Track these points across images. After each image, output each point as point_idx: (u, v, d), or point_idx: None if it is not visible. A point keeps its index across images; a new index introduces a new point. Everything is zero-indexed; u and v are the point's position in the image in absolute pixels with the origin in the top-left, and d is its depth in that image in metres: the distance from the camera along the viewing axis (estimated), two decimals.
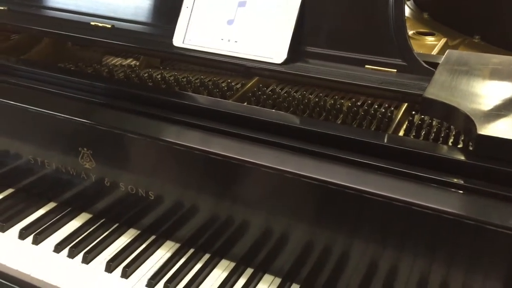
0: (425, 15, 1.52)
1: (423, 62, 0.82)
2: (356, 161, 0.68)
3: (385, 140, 0.70)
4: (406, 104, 0.91)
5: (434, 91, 0.74)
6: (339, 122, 0.91)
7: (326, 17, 0.88)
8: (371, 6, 0.85)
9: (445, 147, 0.73)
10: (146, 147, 0.80)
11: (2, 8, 1.12)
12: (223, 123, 0.77)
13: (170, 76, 1.06)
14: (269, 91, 1.00)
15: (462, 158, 0.65)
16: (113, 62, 1.21)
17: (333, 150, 0.70)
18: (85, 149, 0.85)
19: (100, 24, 1.03)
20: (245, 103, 0.96)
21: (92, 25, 1.03)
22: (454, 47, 1.26)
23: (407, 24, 1.44)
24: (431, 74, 0.80)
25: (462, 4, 1.42)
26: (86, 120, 0.81)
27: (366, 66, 0.85)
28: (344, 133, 0.72)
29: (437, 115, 0.76)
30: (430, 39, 1.32)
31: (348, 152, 0.69)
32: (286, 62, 0.87)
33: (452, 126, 0.85)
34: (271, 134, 0.74)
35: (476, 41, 1.32)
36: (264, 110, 0.84)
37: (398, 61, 0.83)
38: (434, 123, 0.88)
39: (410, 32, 1.36)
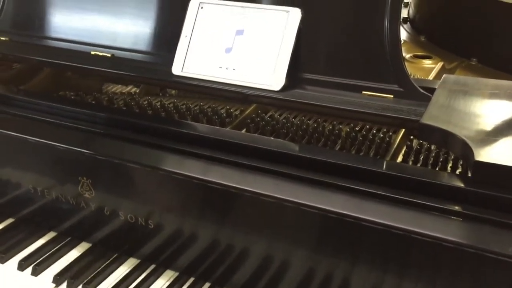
0: (422, 38, 1.54)
1: (419, 88, 0.83)
2: (355, 189, 0.68)
3: (383, 167, 0.70)
4: (404, 129, 0.92)
5: (431, 117, 0.75)
6: (337, 147, 0.92)
7: (323, 43, 0.90)
8: (367, 32, 0.86)
9: (443, 173, 0.73)
10: (145, 176, 0.80)
11: (3, 38, 1.13)
12: (222, 152, 0.77)
13: (169, 103, 1.07)
14: (268, 117, 1.01)
15: (461, 185, 0.65)
16: (113, 89, 1.22)
17: (332, 177, 0.70)
18: (84, 178, 0.86)
19: (100, 54, 1.04)
20: (244, 130, 0.97)
21: (92, 54, 1.04)
22: (451, 70, 1.27)
23: (404, 48, 1.47)
24: (428, 99, 0.81)
25: (459, 27, 1.43)
26: (85, 150, 0.82)
27: (363, 92, 0.85)
28: (343, 161, 0.72)
29: (435, 141, 0.76)
30: (427, 62, 1.34)
31: (347, 180, 0.69)
32: (284, 89, 0.87)
33: None
34: (270, 162, 0.74)
35: (473, 63, 1.33)
36: (263, 138, 0.84)
37: (395, 87, 0.84)
38: (432, 147, 0.89)
39: (407, 56, 1.38)
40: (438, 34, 1.52)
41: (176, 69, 0.95)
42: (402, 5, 0.89)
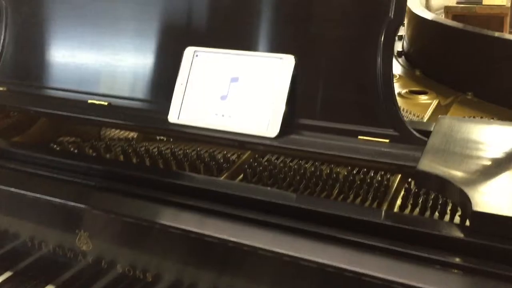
0: (417, 72, 1.55)
1: (414, 132, 0.83)
2: (353, 241, 0.67)
3: (380, 218, 0.70)
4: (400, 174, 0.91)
5: (427, 163, 0.74)
6: (336, 191, 0.91)
7: (317, 88, 0.90)
8: (360, 75, 0.87)
9: (442, 223, 0.72)
10: (142, 230, 0.79)
11: (1, 89, 1.15)
12: (219, 204, 0.76)
13: (166, 149, 1.07)
14: (265, 161, 1.01)
15: (460, 235, 0.64)
16: (111, 135, 1.23)
17: (331, 229, 0.69)
18: (82, 231, 0.85)
19: (97, 102, 1.05)
20: (242, 176, 0.97)
21: (89, 103, 1.05)
22: (447, 106, 1.28)
23: (399, 83, 1.48)
24: (424, 143, 0.81)
25: (454, 61, 1.45)
26: (81, 204, 0.81)
27: (359, 137, 0.85)
28: (341, 212, 0.71)
29: (432, 187, 0.76)
30: (423, 98, 1.34)
31: (345, 232, 0.69)
32: (279, 135, 0.87)
33: None
34: (267, 214, 0.74)
35: (469, 97, 1.34)
36: (260, 189, 0.84)
37: (390, 131, 0.84)
38: None
39: (403, 91, 1.39)
40: (433, 68, 1.53)
41: (172, 117, 0.95)
42: (396, 38, 0.90)
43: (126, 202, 0.81)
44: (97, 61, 1.08)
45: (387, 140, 0.83)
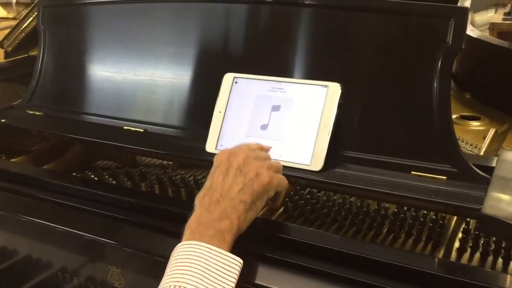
0: (467, 95, 1.46)
1: (475, 168, 0.75)
2: None
3: (441, 269, 0.62)
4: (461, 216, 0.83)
5: (493, 205, 0.67)
6: (385, 230, 0.84)
7: (365, 118, 0.84)
8: (413, 105, 0.80)
9: (505, 276, 0.63)
10: None
11: (38, 113, 1.13)
12: (257, 245, 0.71)
13: (202, 178, 1.02)
14: (307, 194, 0.94)
15: None
16: (146, 160, 1.20)
17: (379, 279, 0.63)
18: (114, 267, 0.81)
19: (133, 128, 1.01)
20: (282, 209, 0.91)
21: (125, 129, 1.02)
22: (503, 134, 1.18)
23: None
24: (486, 182, 0.73)
25: (508, 81, 1.35)
26: (112, 241, 0.77)
27: (412, 172, 0.78)
28: (392, 259, 0.64)
29: (499, 235, 0.68)
30: (475, 124, 1.25)
31: (397, 283, 0.62)
32: (324, 169, 0.81)
33: None
34: (310, 259, 0.68)
35: None
36: (303, 230, 0.77)
37: (447, 167, 0.76)
38: None
39: (453, 117, 1.29)
40: (484, 91, 1.43)
41: (210, 147, 0.91)
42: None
43: (160, 240, 0.76)
44: (133, 86, 1.05)
45: (444, 177, 0.76)
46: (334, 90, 0.83)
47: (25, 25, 1.47)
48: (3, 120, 1.11)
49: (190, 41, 0.99)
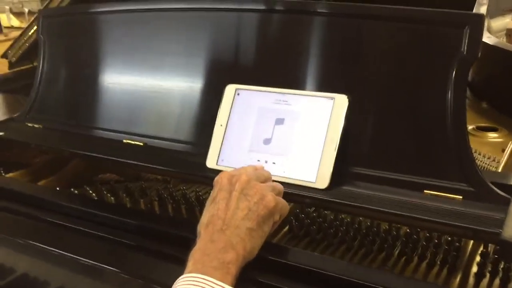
0: (484, 105, 1.39)
1: (493, 187, 0.70)
2: None
3: None
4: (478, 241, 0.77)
5: None
6: (396, 252, 0.79)
7: (374, 133, 0.78)
8: (425, 119, 0.75)
9: None
10: None
11: (37, 126, 1.10)
12: (258, 273, 0.66)
13: (204, 194, 0.98)
14: (313, 212, 0.89)
15: None
16: (148, 174, 1.15)
17: None
18: None
19: (133, 142, 0.98)
20: (287, 228, 0.86)
21: (124, 142, 0.98)
22: None
23: None
24: (506, 201, 0.67)
25: None
26: (111, 267, 0.73)
27: (425, 191, 0.73)
28: None
29: None
30: (492, 136, 1.19)
31: None
32: (330, 187, 0.76)
33: None
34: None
35: None
36: (309, 256, 0.72)
37: (464, 186, 0.71)
38: None
39: (469, 128, 1.23)
40: (502, 99, 1.37)
41: (211, 162, 0.86)
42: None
43: (160, 265, 0.71)
44: (133, 98, 1.01)
45: (460, 197, 0.70)
46: (341, 102, 0.78)
47: (29, 35, 1.45)
48: (1, 133, 1.08)
49: (190, 52, 0.96)
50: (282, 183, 0.77)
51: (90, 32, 1.10)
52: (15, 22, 3.64)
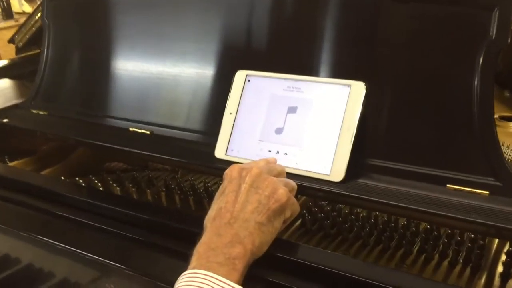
0: (507, 93, 1.33)
1: None
2: None
3: None
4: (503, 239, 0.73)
5: None
6: (415, 249, 0.74)
7: (394, 122, 0.74)
8: (449, 108, 0.70)
9: None
10: None
11: (42, 113, 1.07)
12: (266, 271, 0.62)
13: (214, 184, 0.94)
14: (327, 205, 0.85)
15: None
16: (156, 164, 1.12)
17: None
18: (112, 286, 0.73)
19: (139, 130, 0.94)
20: (299, 221, 0.82)
21: (131, 131, 0.95)
22: None
23: None
24: None
25: None
26: (112, 261, 0.69)
27: (448, 185, 0.68)
28: None
29: None
30: None
31: None
32: (345, 180, 0.72)
33: None
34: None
35: None
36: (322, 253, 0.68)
37: (490, 180, 0.66)
38: None
39: None
40: None
41: (220, 152, 0.82)
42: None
43: (164, 261, 0.67)
44: (140, 84, 0.97)
45: (486, 192, 0.65)
46: (358, 89, 0.73)
47: (36, 19, 1.41)
48: (5, 120, 1.05)
49: (201, 37, 0.91)
50: (294, 175, 0.73)
51: (97, 16, 1.06)
52: (26, 8, 3.61)
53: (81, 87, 1.06)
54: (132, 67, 0.99)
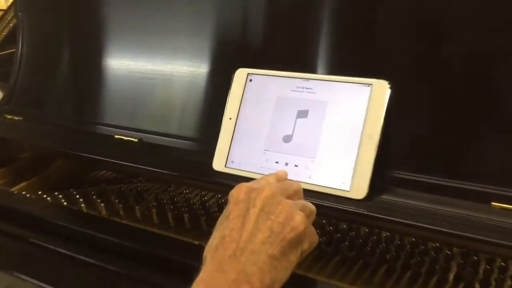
0: None
1: None
2: None
3: None
4: None
5: None
6: (451, 276, 0.63)
7: (425, 128, 0.62)
8: (495, 112, 0.59)
9: None
10: None
11: (17, 118, 0.95)
12: None
13: (211, 198, 0.83)
14: (343, 224, 0.73)
15: None
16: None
17: None
18: None
19: (125, 138, 0.82)
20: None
21: (116, 138, 0.83)
22: None
23: None
24: None
25: None
26: None
27: (493, 203, 0.57)
28: None
29: None
30: None
31: None
32: (368, 197, 0.60)
33: None
34: None
35: None
36: None
37: None
38: None
39: None
40: None
41: (218, 164, 0.71)
42: None
43: None
44: (127, 85, 0.86)
45: None
46: (381, 89, 0.62)
47: (12, 15, 1.29)
48: None
49: (194, 30, 0.80)
50: (306, 191, 0.62)
51: (77, 10, 0.95)
52: (2, 4, 3.48)
53: (61, 89, 0.95)
54: (118, 66, 0.88)
